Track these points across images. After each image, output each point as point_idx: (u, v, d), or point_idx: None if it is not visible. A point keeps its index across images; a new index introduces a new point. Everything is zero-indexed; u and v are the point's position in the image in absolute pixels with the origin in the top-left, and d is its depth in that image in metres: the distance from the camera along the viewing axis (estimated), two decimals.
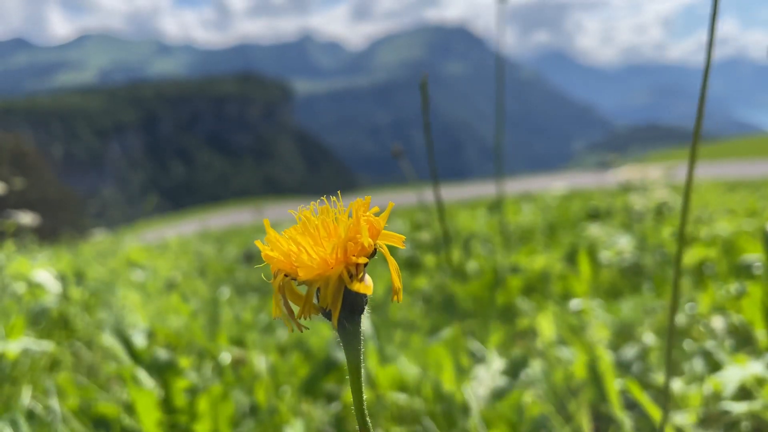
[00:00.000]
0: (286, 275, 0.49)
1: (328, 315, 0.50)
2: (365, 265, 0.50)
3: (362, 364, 0.52)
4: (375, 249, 0.50)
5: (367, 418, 0.50)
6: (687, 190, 0.93)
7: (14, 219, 3.86)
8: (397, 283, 0.51)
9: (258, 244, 0.51)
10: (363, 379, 1.51)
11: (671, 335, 0.90)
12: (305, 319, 0.50)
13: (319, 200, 0.52)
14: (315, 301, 0.50)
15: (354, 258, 0.48)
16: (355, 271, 0.48)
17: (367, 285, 0.49)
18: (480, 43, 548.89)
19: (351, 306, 0.50)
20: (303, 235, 0.49)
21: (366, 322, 2.03)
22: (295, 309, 0.51)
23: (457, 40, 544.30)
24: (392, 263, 0.50)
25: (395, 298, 0.51)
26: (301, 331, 0.49)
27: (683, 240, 0.91)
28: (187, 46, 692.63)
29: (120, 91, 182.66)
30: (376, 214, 0.50)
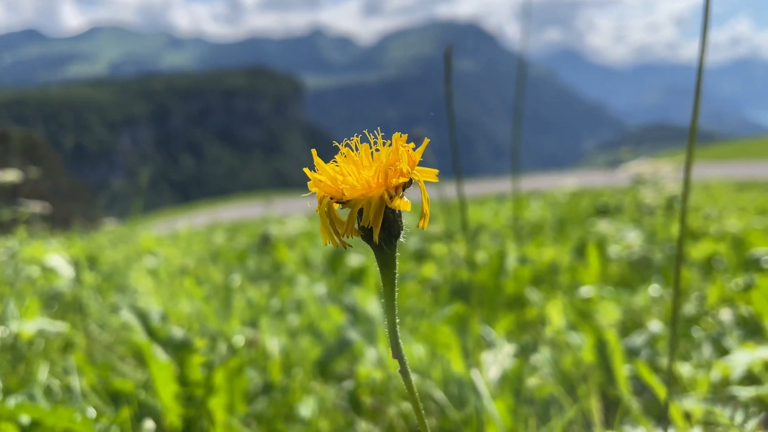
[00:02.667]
0: (331, 198, 0.55)
1: (367, 236, 0.56)
2: (404, 188, 0.55)
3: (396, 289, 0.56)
4: (411, 179, 0.55)
5: (399, 341, 0.53)
6: (689, 160, 0.95)
7: (26, 207, 3.90)
8: (426, 209, 0.56)
9: (306, 171, 0.56)
10: (374, 361, 1.53)
11: (677, 294, 0.91)
12: (348, 237, 0.55)
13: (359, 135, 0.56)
14: (356, 227, 0.55)
15: (394, 180, 0.53)
16: (394, 193, 0.54)
17: (406, 202, 0.55)
18: (491, 40, 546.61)
19: (389, 229, 0.56)
20: (347, 163, 0.55)
21: (376, 308, 2.06)
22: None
23: (468, 37, 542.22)
24: (424, 192, 0.56)
25: (421, 223, 0.56)
26: (345, 248, 0.54)
27: (686, 203, 0.93)
28: (198, 40, 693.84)
29: (131, 83, 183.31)
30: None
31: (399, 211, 0.57)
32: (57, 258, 3.27)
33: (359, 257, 3.33)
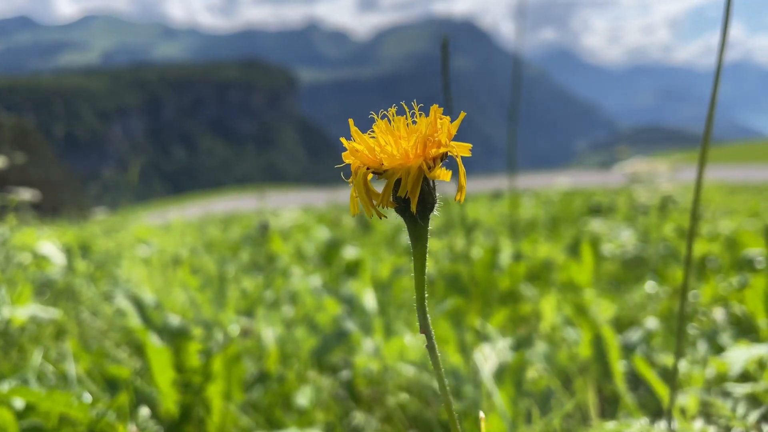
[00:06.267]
0: (367, 168, 0.55)
1: (402, 208, 0.56)
2: (441, 159, 0.55)
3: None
4: (446, 153, 0.54)
5: (428, 316, 0.53)
6: (700, 174, 0.95)
7: (15, 195, 3.88)
8: (463, 182, 0.56)
9: (343, 140, 0.55)
10: (371, 352, 1.52)
11: (684, 296, 0.92)
12: (383, 208, 0.55)
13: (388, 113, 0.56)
14: (391, 198, 0.55)
15: (433, 151, 0.53)
16: (432, 164, 0.54)
17: (445, 172, 0.55)
18: (486, 38, 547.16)
19: (424, 202, 0.55)
20: (385, 133, 0.55)
21: (372, 300, 2.06)
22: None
23: (463, 34, 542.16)
24: (461, 165, 0.56)
25: (458, 196, 0.56)
26: (380, 218, 0.53)
27: (695, 216, 0.94)
28: (192, 30, 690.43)
29: (123, 73, 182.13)
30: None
31: (434, 183, 0.56)
32: (49, 245, 3.25)
33: (354, 250, 3.33)
